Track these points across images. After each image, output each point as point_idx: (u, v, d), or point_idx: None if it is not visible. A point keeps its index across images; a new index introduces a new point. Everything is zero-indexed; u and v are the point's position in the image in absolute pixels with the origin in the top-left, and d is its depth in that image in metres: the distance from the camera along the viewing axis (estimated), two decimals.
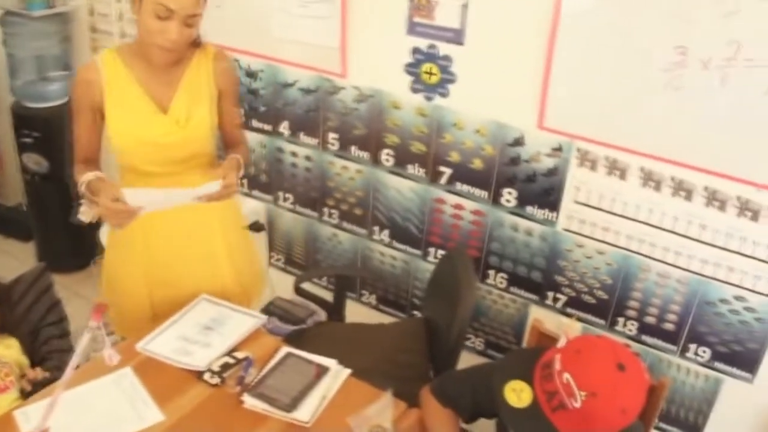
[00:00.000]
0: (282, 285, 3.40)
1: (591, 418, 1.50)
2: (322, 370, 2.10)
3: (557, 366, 1.55)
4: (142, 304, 2.38)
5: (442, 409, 1.93)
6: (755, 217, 2.26)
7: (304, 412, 1.95)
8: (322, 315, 2.97)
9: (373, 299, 3.27)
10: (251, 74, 3.10)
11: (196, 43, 2.19)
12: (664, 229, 2.42)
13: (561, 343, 1.68)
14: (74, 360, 1.77)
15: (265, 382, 2.05)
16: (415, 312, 3.12)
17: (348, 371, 2.12)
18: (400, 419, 1.98)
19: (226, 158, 2.24)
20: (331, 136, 3.00)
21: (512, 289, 2.83)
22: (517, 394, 1.59)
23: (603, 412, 1.50)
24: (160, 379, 2.04)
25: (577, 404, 1.50)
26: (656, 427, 2.71)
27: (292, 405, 1.96)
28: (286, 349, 2.19)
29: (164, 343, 2.18)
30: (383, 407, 1.97)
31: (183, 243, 2.36)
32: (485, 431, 2.04)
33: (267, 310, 3.27)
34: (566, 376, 1.52)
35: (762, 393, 2.47)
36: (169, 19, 2.00)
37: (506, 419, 1.60)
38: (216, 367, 2.10)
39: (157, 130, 2.15)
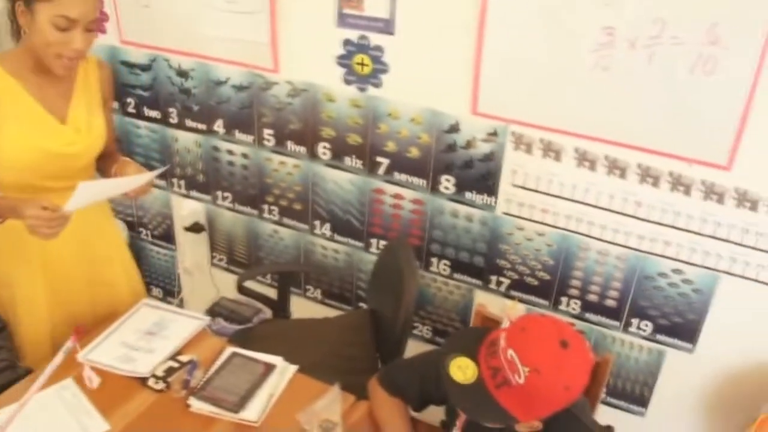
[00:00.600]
0: (226, 285, 3.38)
1: (534, 394, 1.51)
2: (269, 368, 2.10)
3: (502, 343, 1.56)
4: (43, 329, 2.30)
5: (391, 399, 1.93)
6: (687, 191, 2.31)
7: (252, 412, 1.94)
8: (267, 313, 2.96)
9: (318, 294, 3.26)
10: (182, 73, 3.05)
11: None
12: (600, 208, 2.45)
13: (504, 324, 1.69)
14: (40, 380, 1.73)
15: (210, 384, 2.03)
16: (361, 304, 3.12)
17: (294, 368, 2.12)
18: (349, 412, 1.98)
19: (123, 162, 2.24)
20: (267, 132, 2.97)
21: (456, 275, 2.84)
22: (462, 370, 1.60)
23: (546, 389, 1.51)
24: (103, 388, 2.01)
25: (521, 380, 1.51)
26: (604, 402, 2.76)
27: (239, 405, 1.95)
28: (231, 350, 2.17)
29: (106, 352, 2.14)
30: (331, 401, 1.98)
31: (82, 257, 2.32)
32: (437, 418, 2.05)
33: (212, 311, 3.25)
34: (510, 352, 1.53)
35: (703, 362, 2.53)
36: (72, 29, 1.93)
37: (451, 395, 1.60)
38: (160, 372, 2.07)
39: (59, 141, 2.08)
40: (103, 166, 2.29)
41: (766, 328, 2.39)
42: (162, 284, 3.74)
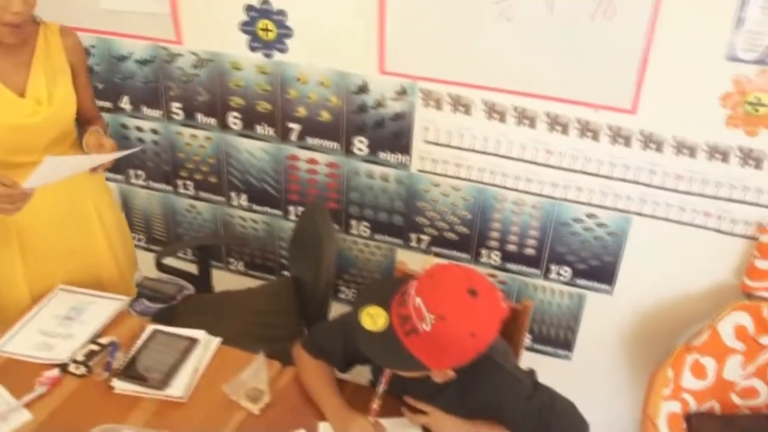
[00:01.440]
0: (147, 265, 3.29)
1: (441, 341, 1.52)
2: (192, 343, 2.07)
3: (411, 291, 1.57)
4: (24, 301, 2.26)
5: (315, 362, 1.93)
6: (596, 137, 2.36)
7: (178, 388, 1.92)
8: (191, 290, 2.92)
9: (241, 266, 3.24)
10: None
11: (35, 21, 2.08)
12: (513, 158, 2.49)
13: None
14: None
15: (133, 364, 2.00)
16: (285, 272, 3.11)
17: (218, 340, 2.10)
18: (276, 379, 1.98)
19: (88, 132, 2.19)
20: (175, 105, 2.92)
21: (376, 236, 2.86)
22: (373, 318, 1.59)
23: (452, 336, 1.52)
24: (23, 379, 1.95)
25: (427, 328, 1.51)
26: (531, 349, 2.83)
27: (163, 382, 1.92)
28: (152, 327, 2.14)
29: (23, 342, 2.08)
30: (257, 370, 1.98)
31: (60, 233, 2.27)
32: (365, 378, 2.06)
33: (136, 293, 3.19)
34: (418, 300, 1.53)
35: (621, 302, 2.61)
36: None
37: (361, 344, 1.60)
38: (80, 357, 2.03)
39: (19, 114, 2.03)
40: (81, 135, 2.24)
41: (678, 266, 2.47)
42: None
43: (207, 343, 2.09)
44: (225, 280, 3.20)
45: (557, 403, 1.73)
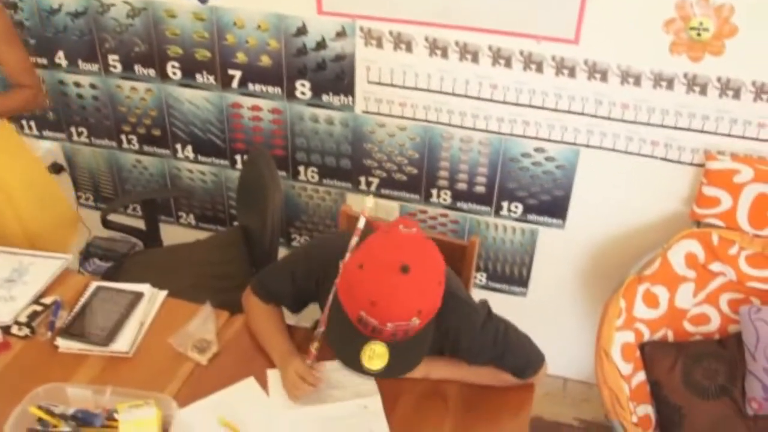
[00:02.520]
0: (97, 224, 3.24)
1: (385, 322, 1.50)
2: (136, 297, 2.04)
3: (372, 321, 1.52)
4: None
5: (264, 307, 1.91)
6: (539, 68, 2.33)
7: (123, 343, 1.89)
8: (142, 246, 2.88)
9: (191, 219, 3.20)
10: (10, 4, 2.85)
11: None
12: (458, 95, 2.46)
13: (360, 223, 1.69)
14: None
15: (76, 322, 1.96)
16: (237, 223, 3.06)
17: (164, 293, 2.07)
18: (224, 329, 1.96)
19: None
20: (112, 58, 2.83)
21: (325, 181, 2.82)
22: (377, 357, 1.55)
23: (390, 317, 1.49)
24: None
25: (374, 321, 1.50)
26: (486, 287, 2.84)
27: (108, 338, 1.89)
28: (96, 284, 2.09)
29: None
30: (204, 320, 1.95)
31: None
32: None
33: (87, 252, 3.16)
34: (352, 290, 1.52)
35: (573, 236, 2.62)
36: None
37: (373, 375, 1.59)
38: (23, 318, 1.98)
39: None
40: None
41: (628, 197, 2.48)
42: None
43: (152, 297, 2.06)
44: (177, 235, 3.16)
45: (511, 332, 1.73)
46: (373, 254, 1.51)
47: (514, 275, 2.79)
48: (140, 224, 2.89)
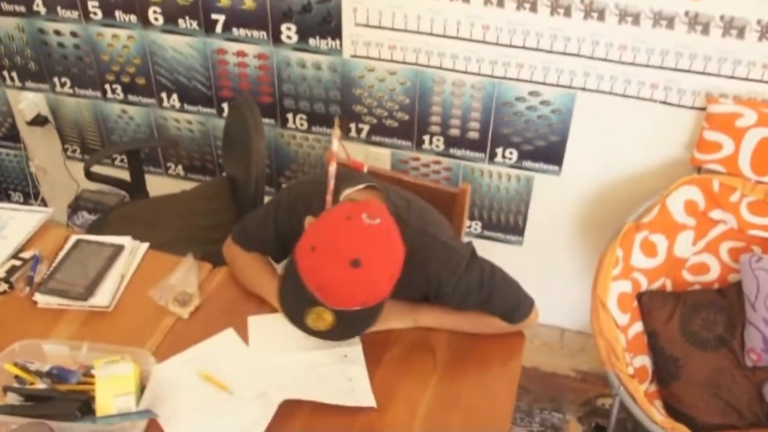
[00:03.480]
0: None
1: (331, 305, 1.48)
2: (117, 250, 1.99)
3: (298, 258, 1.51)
4: None
5: (248, 255, 1.86)
6: (534, 8, 2.24)
7: (103, 297, 1.85)
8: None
9: (180, 170, 3.13)
10: None
11: None
12: (449, 37, 2.37)
13: (334, 145, 1.71)
14: None
15: (55, 276, 1.91)
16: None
17: (145, 245, 2.03)
18: (206, 281, 1.91)
19: None
20: (92, 4, 2.73)
21: (314, 128, 2.75)
22: (320, 318, 1.53)
23: (335, 303, 1.48)
24: None
25: (320, 299, 1.48)
26: (482, 236, 2.79)
27: (87, 293, 1.85)
28: (75, 237, 2.04)
29: None
30: (185, 273, 1.91)
31: None
32: None
33: (75, 206, 3.11)
34: (302, 268, 1.49)
35: (570, 182, 2.56)
36: None
37: (321, 337, 1.57)
38: (1, 273, 1.93)
39: None
40: None
41: (626, 142, 2.41)
42: (19, 188, 3.53)
43: (134, 250, 2.01)
44: (166, 186, 3.11)
45: (497, 274, 1.68)
46: (328, 239, 1.47)
47: (509, 224, 2.73)
48: (127, 176, 2.83)
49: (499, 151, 2.56)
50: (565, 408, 2.66)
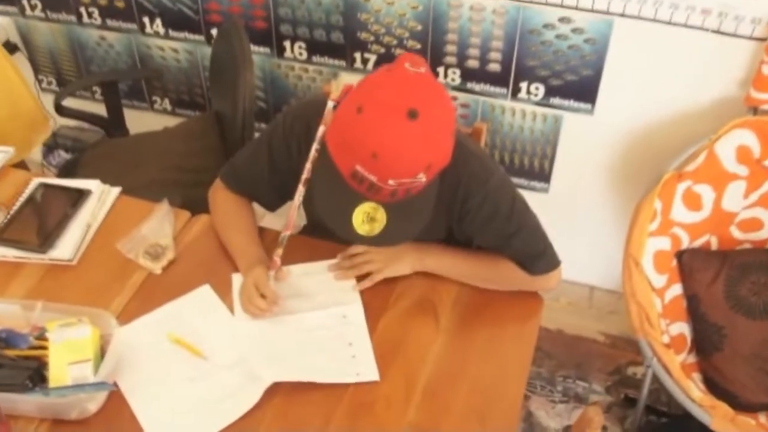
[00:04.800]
0: None
1: (387, 178, 1.37)
2: (83, 196, 1.93)
3: (372, 177, 1.39)
4: None
5: (234, 199, 1.80)
6: None
7: (65, 249, 1.80)
8: None
9: (167, 104, 3.05)
10: None
11: None
12: None
13: (329, 105, 1.57)
14: None
15: (11, 226, 1.86)
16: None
17: (116, 190, 1.97)
18: (183, 232, 1.86)
19: None
20: None
21: (315, 58, 2.64)
22: (371, 218, 1.47)
23: (393, 172, 1.37)
24: None
25: (372, 177, 1.37)
26: None
27: (46, 244, 1.80)
28: (37, 181, 1.99)
29: None
30: (160, 222, 1.86)
31: None
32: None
33: (52, 144, 3.12)
34: (348, 139, 1.39)
35: (603, 123, 2.47)
36: None
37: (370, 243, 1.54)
38: None
39: None
40: None
41: (670, 78, 2.31)
42: None
43: (103, 195, 1.95)
44: (150, 122, 3.04)
45: (530, 213, 1.66)
46: (374, 96, 1.37)
47: (534, 169, 2.66)
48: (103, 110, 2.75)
49: (524, 86, 2.46)
50: (592, 376, 2.63)
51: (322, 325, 1.61)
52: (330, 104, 1.57)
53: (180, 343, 1.58)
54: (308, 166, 1.57)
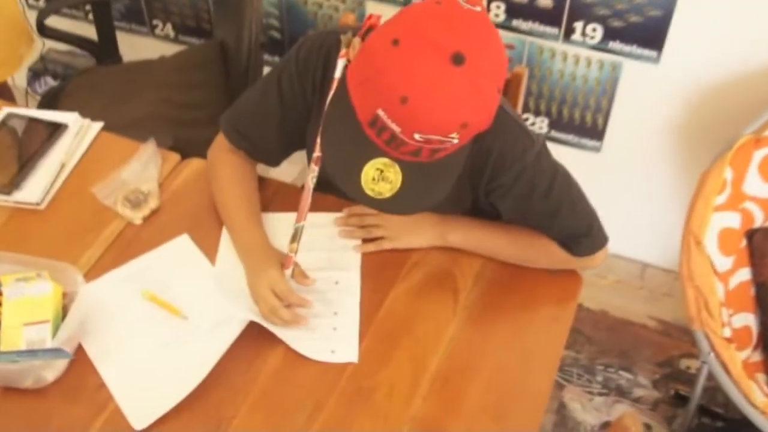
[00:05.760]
0: None
1: (413, 131, 1.29)
2: (58, 130, 1.90)
3: (394, 127, 1.30)
4: None
5: (234, 165, 1.72)
6: None
7: (33, 191, 1.78)
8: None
9: (169, 30, 3.03)
10: None
11: None
12: None
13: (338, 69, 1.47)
14: None
15: None
16: None
17: (97, 126, 1.95)
18: (171, 177, 1.83)
19: None
20: None
21: None
22: (384, 177, 1.39)
23: (423, 125, 1.27)
24: None
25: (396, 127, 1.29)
26: (549, 138, 2.63)
27: (11, 184, 1.78)
28: (6, 110, 1.97)
29: None
30: (144, 164, 1.83)
31: None
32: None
33: (38, 69, 3.13)
34: (375, 75, 1.30)
35: (670, 74, 2.42)
36: None
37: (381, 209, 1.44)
38: None
39: None
40: None
41: (751, 24, 2.26)
42: None
43: (81, 131, 1.93)
44: (150, 49, 3.02)
45: (573, 184, 1.58)
46: (416, 28, 1.28)
47: (585, 124, 2.62)
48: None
49: (579, 26, 2.42)
50: (638, 367, 2.60)
51: (310, 288, 1.56)
52: (356, 39, 1.46)
53: (156, 300, 1.56)
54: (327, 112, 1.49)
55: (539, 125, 2.67)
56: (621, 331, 2.69)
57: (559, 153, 2.46)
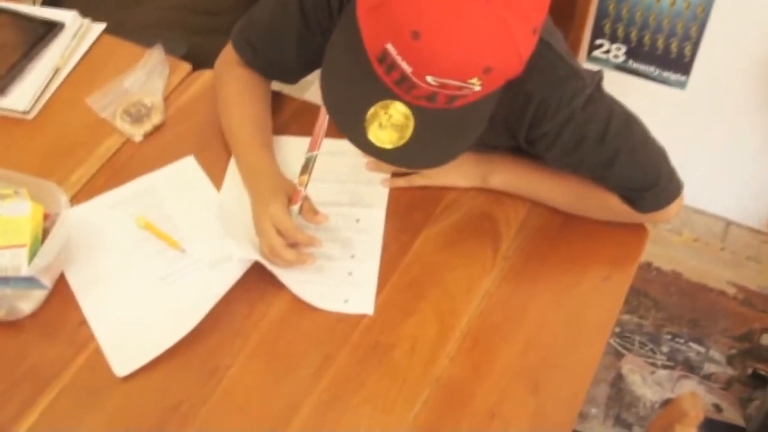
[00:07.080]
0: None
1: (425, 73, 1.24)
2: (53, 30, 1.90)
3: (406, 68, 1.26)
4: None
5: (253, 81, 1.71)
6: None
7: (20, 98, 1.79)
8: None
9: None
10: None
11: None
12: None
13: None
14: None
15: None
16: None
17: (99, 27, 1.94)
18: (179, 89, 1.82)
19: None
20: None
21: None
22: (391, 123, 1.35)
23: (437, 66, 1.22)
24: None
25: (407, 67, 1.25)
26: (623, 68, 2.68)
27: None
28: None
29: None
30: (148, 74, 1.84)
31: None
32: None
33: None
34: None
35: None
36: None
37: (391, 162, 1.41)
38: None
39: None
40: None
41: None
42: None
43: (80, 32, 1.92)
44: None
45: (635, 128, 1.51)
46: None
47: (670, 54, 2.57)
48: None
49: None
50: (711, 339, 2.59)
51: (327, 225, 1.56)
52: None
53: (151, 229, 1.57)
54: None
55: (614, 54, 2.64)
56: (695, 296, 2.68)
57: (634, 87, 2.49)
